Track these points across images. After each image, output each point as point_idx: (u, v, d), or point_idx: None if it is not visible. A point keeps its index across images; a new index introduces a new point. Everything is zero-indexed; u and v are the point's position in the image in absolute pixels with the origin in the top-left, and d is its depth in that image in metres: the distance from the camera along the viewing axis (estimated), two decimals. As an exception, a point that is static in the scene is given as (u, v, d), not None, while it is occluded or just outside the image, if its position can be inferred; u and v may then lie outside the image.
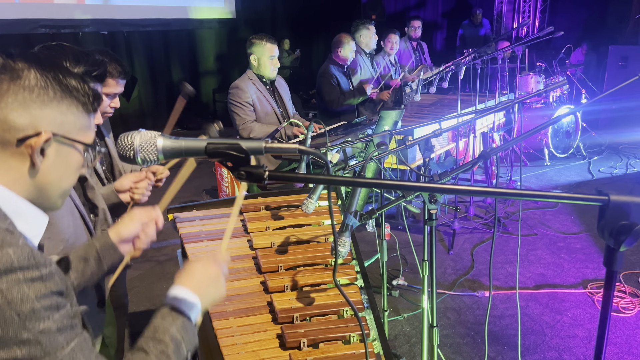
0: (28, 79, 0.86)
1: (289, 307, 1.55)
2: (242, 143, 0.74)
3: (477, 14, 9.11)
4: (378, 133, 2.05)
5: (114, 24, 7.23)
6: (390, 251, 3.88)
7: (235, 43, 9.39)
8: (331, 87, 4.45)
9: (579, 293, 3.36)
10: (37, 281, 0.81)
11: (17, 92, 0.85)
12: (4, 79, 0.85)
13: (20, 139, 0.85)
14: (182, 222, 2.09)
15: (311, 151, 0.75)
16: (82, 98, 0.91)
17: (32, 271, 0.80)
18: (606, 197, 0.78)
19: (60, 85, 0.89)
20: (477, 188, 0.82)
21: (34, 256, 0.82)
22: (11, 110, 0.85)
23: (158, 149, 0.75)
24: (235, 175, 0.75)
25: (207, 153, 0.75)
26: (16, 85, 0.85)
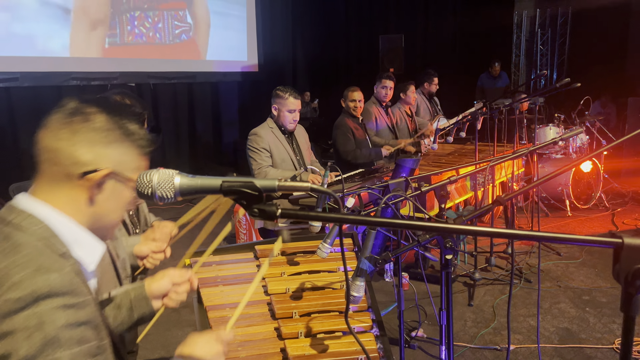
0: (96, 121, 0.98)
1: (303, 354, 1.53)
2: (256, 181, 0.77)
3: (495, 66, 9.25)
4: (394, 180, 2.07)
5: (141, 76, 7.54)
6: (409, 302, 3.80)
7: (257, 95, 9.67)
8: (346, 139, 4.53)
9: (606, 349, 3.22)
10: (71, 309, 0.86)
11: (87, 133, 0.97)
12: (77, 120, 0.97)
13: (83, 173, 0.95)
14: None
15: (322, 190, 0.77)
16: (139, 142, 1.03)
17: (69, 298, 0.86)
18: (620, 239, 0.77)
19: (123, 129, 1.00)
20: (492, 230, 0.83)
21: (74, 283, 0.88)
22: (79, 147, 0.96)
23: (175, 186, 0.77)
24: (248, 212, 0.77)
25: (222, 191, 0.78)
26: (86, 126, 0.97)
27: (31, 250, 0.89)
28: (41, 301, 0.83)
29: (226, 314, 1.81)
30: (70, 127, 0.97)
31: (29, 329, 0.81)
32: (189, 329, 3.49)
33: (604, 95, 8.76)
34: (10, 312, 0.82)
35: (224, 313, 1.81)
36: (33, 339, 0.80)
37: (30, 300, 0.82)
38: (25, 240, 0.91)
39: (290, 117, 3.60)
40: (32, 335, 0.80)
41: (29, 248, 0.90)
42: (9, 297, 0.82)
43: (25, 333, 0.81)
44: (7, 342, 0.81)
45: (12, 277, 0.84)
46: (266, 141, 3.58)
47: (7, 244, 0.90)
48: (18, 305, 0.82)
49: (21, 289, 0.83)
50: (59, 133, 0.97)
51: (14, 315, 0.81)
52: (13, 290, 0.83)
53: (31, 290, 0.83)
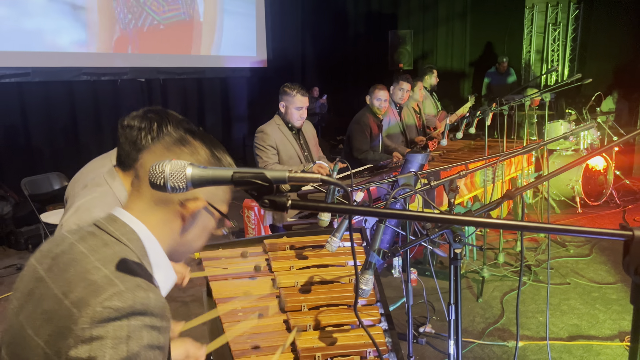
0: (201, 154, 1.01)
1: (311, 346, 1.54)
2: (267, 172, 0.77)
3: (502, 62, 9.19)
4: (403, 174, 2.07)
5: (150, 72, 7.58)
6: (417, 297, 3.80)
7: (266, 90, 9.67)
8: (363, 136, 4.51)
9: (615, 346, 3.20)
10: (156, 331, 0.88)
11: None
12: (184, 151, 1.00)
13: (182, 201, 0.98)
14: (208, 260, 2.12)
15: (333, 181, 0.78)
16: None
17: (158, 320, 0.89)
18: (630, 232, 0.77)
19: (220, 162, 1.04)
20: (502, 221, 0.83)
21: (164, 308, 0.91)
22: None
23: (187, 177, 0.78)
24: (259, 203, 0.78)
25: (233, 182, 0.78)
26: (192, 158, 0.99)
27: (133, 267, 0.92)
28: (136, 316, 0.86)
29: (235, 307, 1.82)
30: (178, 157, 0.99)
31: (117, 339, 0.84)
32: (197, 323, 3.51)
33: (616, 91, 8.66)
34: (107, 320, 0.84)
35: (233, 306, 1.83)
36: (118, 349, 0.83)
37: (127, 313, 0.85)
38: (125, 254, 0.94)
39: (297, 114, 3.60)
40: (119, 346, 0.83)
41: (131, 263, 0.93)
42: (110, 304, 0.85)
43: (113, 342, 0.83)
44: (96, 346, 0.83)
45: (117, 286, 0.87)
46: (273, 139, 3.59)
47: (110, 252, 0.93)
48: (116, 314, 0.85)
49: (123, 300, 0.86)
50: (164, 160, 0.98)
51: (108, 323, 0.84)
52: (115, 299, 0.85)
53: (131, 303, 0.86)
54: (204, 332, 2.17)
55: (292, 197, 0.79)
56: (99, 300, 0.85)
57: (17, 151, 5.99)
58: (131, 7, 7.13)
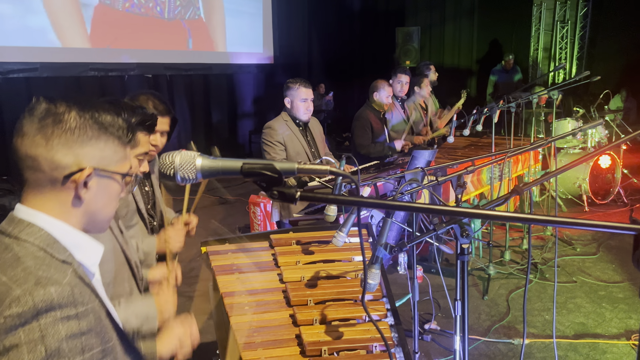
0: (69, 121, 0.95)
1: (318, 340, 1.54)
2: (276, 164, 0.77)
3: (509, 59, 9.14)
4: (410, 170, 2.06)
5: (157, 67, 7.60)
6: (423, 294, 3.80)
7: (272, 87, 9.69)
8: (363, 132, 4.51)
9: (622, 344, 3.19)
10: (72, 319, 0.87)
11: (61, 135, 0.94)
12: (48, 123, 0.94)
13: (66, 176, 0.94)
14: (215, 254, 2.12)
15: (341, 172, 0.78)
16: (117, 132, 1.00)
17: (69, 309, 0.87)
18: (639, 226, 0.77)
19: (97, 123, 0.98)
20: (510, 214, 0.82)
21: (74, 294, 0.89)
22: (57, 151, 0.94)
23: (197, 168, 0.78)
24: (268, 195, 0.78)
25: (242, 173, 0.78)
26: (59, 128, 0.94)
27: (30, 263, 0.90)
28: (42, 315, 0.84)
29: (241, 301, 1.83)
30: (44, 132, 0.94)
31: (31, 342, 0.83)
32: (203, 317, 3.53)
33: (624, 89, 8.60)
34: (13, 327, 0.83)
35: (239, 300, 1.84)
36: (36, 352, 0.82)
37: (31, 315, 0.84)
38: (24, 253, 0.92)
39: (303, 107, 3.59)
40: (35, 348, 0.83)
41: (29, 261, 0.91)
42: (10, 312, 0.84)
43: (28, 347, 0.82)
44: (12, 355, 0.83)
45: (13, 292, 0.85)
46: (280, 135, 3.59)
47: (8, 256, 0.91)
48: (20, 320, 0.84)
49: (22, 305, 0.84)
50: (34, 140, 0.94)
51: (16, 330, 0.83)
52: (14, 305, 0.84)
53: (32, 304, 0.84)
54: (210, 326, 2.19)
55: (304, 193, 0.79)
56: (0, 312, 0.84)
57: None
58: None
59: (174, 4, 7.65)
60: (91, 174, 0.96)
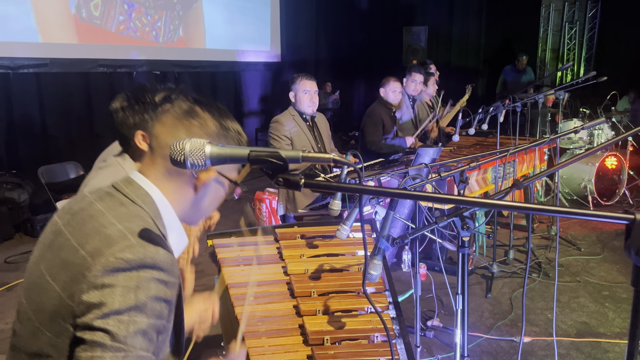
0: (209, 126, 1.07)
1: (320, 329, 1.58)
2: (282, 152, 0.81)
3: (522, 59, 9.07)
4: (414, 167, 2.09)
5: (166, 64, 7.65)
6: (426, 292, 3.82)
7: (279, 85, 9.73)
8: (375, 129, 4.53)
9: (624, 344, 3.20)
10: (164, 284, 0.94)
11: (201, 136, 1.04)
12: (194, 124, 1.06)
13: (195, 172, 1.04)
14: (220, 247, 2.16)
15: (344, 161, 0.81)
16: (242, 143, 1.13)
17: (166, 275, 0.94)
18: (632, 215, 0.80)
19: (228, 131, 1.09)
20: (510, 203, 0.85)
21: (173, 264, 0.97)
22: None
23: (206, 154, 0.82)
24: (274, 181, 0.81)
25: (249, 160, 0.82)
26: (201, 130, 1.06)
27: (146, 223, 0.99)
28: (145, 269, 0.92)
29: (246, 292, 1.87)
30: (188, 129, 1.05)
31: (126, 288, 0.90)
32: (209, 311, 3.57)
33: (632, 90, 8.57)
34: (118, 269, 0.91)
35: (244, 290, 1.87)
36: (127, 298, 0.89)
37: (137, 265, 0.91)
38: (139, 214, 1.01)
39: (307, 99, 3.62)
40: (127, 294, 0.89)
41: (145, 221, 0.99)
42: (122, 256, 0.91)
43: (122, 290, 0.89)
44: (106, 292, 0.89)
45: (129, 240, 0.93)
46: (287, 129, 3.62)
47: (125, 210, 1.00)
48: (126, 265, 0.91)
49: (133, 253, 0.92)
50: (176, 132, 1.04)
51: (119, 273, 0.90)
52: (127, 251, 0.92)
53: (142, 256, 0.92)
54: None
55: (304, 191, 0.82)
56: (112, 251, 0.91)
57: (34, 140, 6.10)
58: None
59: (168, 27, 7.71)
60: (215, 176, 1.07)
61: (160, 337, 0.98)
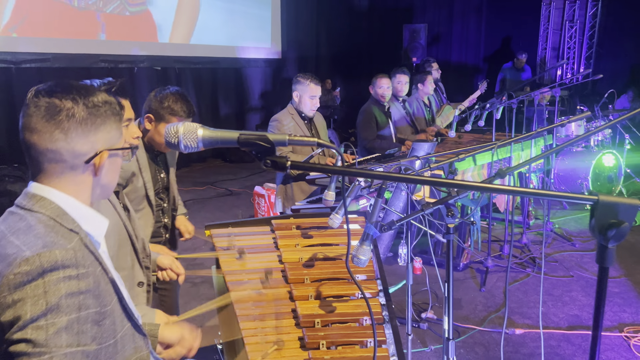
0: (80, 114, 1.07)
1: (312, 313, 1.63)
2: (269, 135, 0.86)
3: (521, 58, 9.11)
4: (406, 159, 2.15)
5: (167, 60, 7.71)
6: (421, 285, 3.89)
7: (279, 81, 9.78)
8: (368, 126, 4.60)
9: (614, 336, 3.26)
10: (73, 279, 0.99)
11: (77, 128, 1.06)
12: (62, 119, 1.06)
13: (86, 161, 1.08)
14: (218, 236, 2.22)
15: (327, 144, 0.86)
16: (115, 110, 1.13)
17: (70, 270, 0.99)
18: (596, 197, 0.85)
19: (98, 108, 1.09)
20: (490, 185, 0.91)
21: (77, 257, 1.01)
22: (76, 142, 1.06)
23: (198, 137, 0.88)
24: (262, 163, 0.87)
25: (239, 143, 0.87)
26: (74, 122, 1.06)
27: (41, 230, 1.02)
28: (47, 274, 0.96)
29: (242, 279, 1.92)
30: (61, 127, 1.05)
31: (35, 297, 0.95)
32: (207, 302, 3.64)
33: (631, 89, 8.62)
34: (21, 284, 0.96)
35: (239, 277, 1.93)
36: (38, 305, 0.94)
37: (37, 273, 0.96)
38: (36, 222, 1.04)
39: (310, 104, 3.68)
40: (37, 302, 0.95)
41: (40, 228, 1.03)
42: (19, 270, 0.96)
43: (32, 300, 0.95)
44: (18, 307, 0.95)
45: (24, 253, 0.98)
46: (287, 127, 3.67)
47: (22, 225, 1.04)
48: (27, 277, 0.96)
49: (30, 264, 0.97)
50: (53, 135, 1.05)
51: (24, 286, 0.96)
52: (24, 265, 0.97)
53: (38, 264, 0.97)
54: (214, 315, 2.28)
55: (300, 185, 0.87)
56: (11, 270, 0.96)
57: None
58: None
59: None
60: (108, 155, 1.10)
61: (103, 322, 1.04)
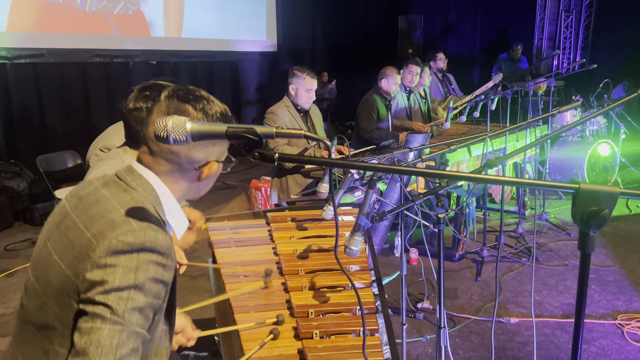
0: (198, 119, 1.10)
1: (305, 303, 1.66)
2: (257, 128, 0.88)
3: (517, 48, 9.09)
4: (399, 151, 2.17)
5: (162, 54, 7.69)
6: (417, 276, 3.92)
7: (276, 74, 9.76)
8: (369, 116, 4.60)
9: (608, 324, 3.30)
10: (161, 267, 1.03)
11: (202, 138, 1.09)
12: None
13: (197, 168, 1.13)
14: (214, 230, 2.24)
15: (314, 136, 0.88)
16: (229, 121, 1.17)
17: (163, 258, 1.03)
18: (577, 185, 0.87)
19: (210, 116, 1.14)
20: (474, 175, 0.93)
21: (170, 248, 1.06)
22: (195, 150, 1.11)
23: (187, 130, 0.89)
24: (250, 156, 0.88)
25: (227, 136, 0.89)
26: None
27: (145, 210, 1.07)
28: (145, 252, 1.00)
29: (237, 271, 1.95)
30: None
31: (127, 268, 0.98)
32: (205, 295, 3.66)
33: (627, 79, 8.62)
34: (120, 251, 0.99)
35: (235, 270, 1.95)
36: (127, 277, 0.98)
37: (138, 248, 1.00)
38: (142, 199, 1.08)
39: (306, 97, 3.68)
40: (128, 274, 0.98)
41: (146, 207, 1.07)
42: (124, 239, 1.00)
43: (123, 270, 0.98)
44: (109, 271, 0.98)
45: (131, 225, 1.01)
46: (282, 120, 3.68)
47: (128, 197, 1.08)
48: (128, 247, 0.99)
49: (135, 236, 1.00)
50: None
51: (121, 255, 0.99)
52: (129, 234, 1.00)
53: (142, 240, 1.00)
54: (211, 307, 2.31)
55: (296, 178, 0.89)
56: (115, 234, 1.00)
57: (32, 129, 6.16)
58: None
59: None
60: (217, 167, 1.15)
61: (156, 316, 1.07)
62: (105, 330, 0.95)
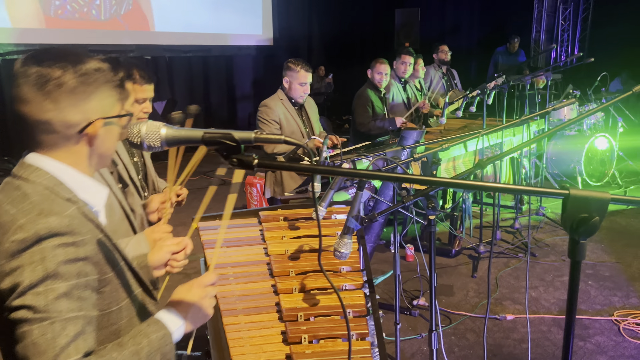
0: (70, 82, 1.02)
1: (295, 306, 1.63)
2: (234, 133, 0.84)
3: (514, 42, 9.02)
4: (392, 149, 2.13)
5: (157, 49, 7.63)
6: (413, 273, 3.90)
7: (271, 69, 9.68)
8: (364, 110, 4.56)
9: (604, 320, 3.28)
10: (70, 246, 0.97)
11: (67, 97, 1.02)
12: (52, 89, 1.01)
13: (79, 132, 1.04)
14: (205, 230, 2.20)
15: (293, 141, 0.84)
16: (108, 77, 1.08)
17: (67, 237, 0.97)
18: (567, 191, 0.84)
19: (91, 76, 1.05)
20: (461, 181, 0.90)
21: (73, 224, 1.00)
22: (67, 112, 1.02)
23: (161, 136, 0.86)
24: (229, 162, 0.85)
25: (203, 141, 0.85)
26: (64, 91, 1.02)
27: (36, 198, 1.01)
28: (43, 241, 0.95)
29: (228, 272, 1.91)
30: (50, 97, 1.01)
31: (32, 263, 0.94)
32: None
33: (625, 72, 8.58)
34: (18, 251, 0.95)
35: (226, 271, 1.92)
36: (36, 271, 0.94)
37: (33, 240, 0.95)
38: (32, 190, 1.03)
39: (301, 90, 3.64)
40: (35, 268, 0.94)
41: (35, 196, 1.02)
42: (15, 238, 0.96)
43: (30, 267, 0.94)
44: (16, 274, 0.94)
45: (19, 220, 0.97)
46: (276, 113, 3.64)
47: (17, 194, 1.03)
48: (23, 245, 0.95)
49: (26, 231, 0.96)
50: (43, 105, 1.01)
51: (20, 254, 0.95)
52: (18, 232, 0.96)
53: (34, 231, 0.96)
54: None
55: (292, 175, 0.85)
56: (7, 238, 0.96)
57: (26, 127, 6.11)
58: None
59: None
60: (101, 124, 1.06)
61: (104, 289, 1.03)
62: (35, 330, 0.92)
